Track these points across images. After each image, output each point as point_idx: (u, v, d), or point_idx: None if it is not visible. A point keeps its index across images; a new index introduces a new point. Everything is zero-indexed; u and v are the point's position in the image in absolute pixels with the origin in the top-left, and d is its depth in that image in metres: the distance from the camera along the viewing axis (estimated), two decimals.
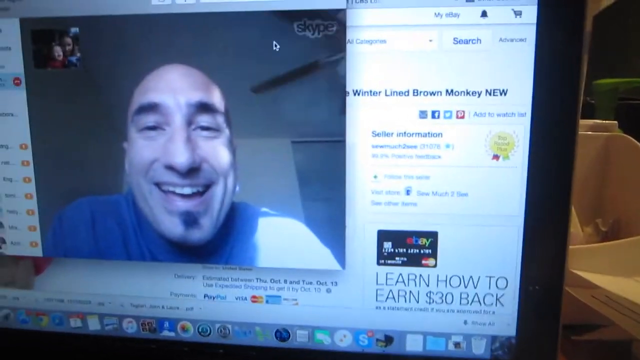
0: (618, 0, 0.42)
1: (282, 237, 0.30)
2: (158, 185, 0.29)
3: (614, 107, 0.54)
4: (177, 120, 0.28)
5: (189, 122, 0.28)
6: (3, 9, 0.30)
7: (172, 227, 0.29)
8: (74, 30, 0.29)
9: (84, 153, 0.30)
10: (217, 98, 0.28)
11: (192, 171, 0.28)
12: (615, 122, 0.47)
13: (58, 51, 0.29)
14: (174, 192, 0.29)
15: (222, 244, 0.30)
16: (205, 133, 0.28)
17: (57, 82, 0.30)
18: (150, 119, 0.28)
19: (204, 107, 0.28)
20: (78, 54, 0.29)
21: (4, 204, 0.32)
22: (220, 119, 0.28)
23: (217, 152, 0.28)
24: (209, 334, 0.33)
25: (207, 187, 0.29)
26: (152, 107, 0.28)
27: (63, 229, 0.31)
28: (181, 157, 0.28)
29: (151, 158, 0.28)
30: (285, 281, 0.31)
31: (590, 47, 0.43)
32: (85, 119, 0.30)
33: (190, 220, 0.29)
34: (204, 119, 0.28)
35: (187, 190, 0.29)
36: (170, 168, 0.28)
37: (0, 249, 0.33)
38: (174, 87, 0.27)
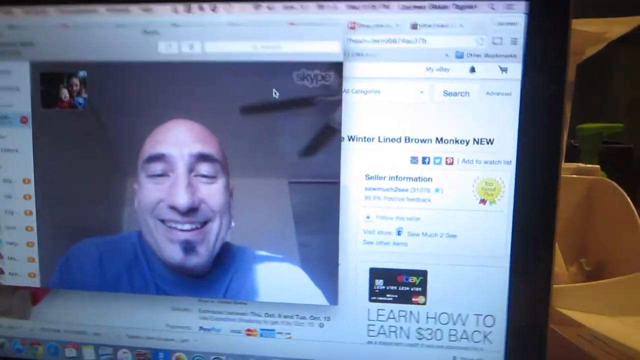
0: (601, 50, 0.44)
1: (277, 275, 0.31)
2: (162, 221, 0.31)
3: (597, 150, 0.56)
4: (180, 168, 0.30)
5: (190, 170, 0.30)
6: (15, 53, 0.31)
7: (173, 254, 0.31)
8: (82, 73, 0.30)
9: (87, 190, 0.32)
10: (216, 149, 0.31)
11: (191, 211, 0.31)
12: (598, 166, 0.48)
13: (65, 93, 0.31)
14: (175, 228, 0.31)
15: (220, 280, 0.31)
16: (204, 179, 0.31)
17: (63, 122, 0.31)
18: (158, 167, 0.31)
19: (204, 157, 0.30)
20: (85, 96, 0.31)
21: (4, 236, 0.33)
22: (218, 167, 0.31)
23: (214, 194, 0.31)
24: None
25: (205, 223, 0.31)
26: (159, 157, 0.30)
27: (70, 266, 0.32)
28: (182, 200, 0.30)
29: (157, 199, 0.31)
30: (279, 315, 0.32)
31: (574, 92, 0.45)
32: (89, 158, 0.31)
33: (188, 247, 0.31)
34: (203, 168, 0.30)
35: (187, 227, 0.31)
36: (172, 208, 0.31)
37: None
38: (179, 140, 0.30)
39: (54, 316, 0.34)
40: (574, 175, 0.46)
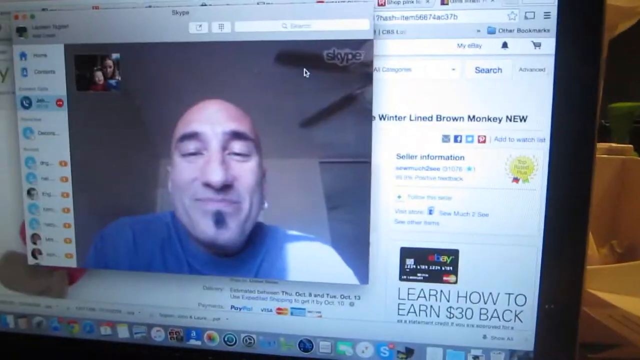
0: (633, 26, 0.43)
1: (308, 255, 0.31)
2: (197, 200, 0.31)
3: (629, 129, 0.55)
4: (213, 146, 0.31)
5: (224, 148, 0.31)
6: (49, 35, 0.32)
7: (206, 228, 0.31)
8: (115, 56, 0.31)
9: (121, 172, 0.32)
10: (248, 128, 0.31)
11: (225, 187, 0.31)
12: (631, 145, 0.47)
13: (99, 75, 0.31)
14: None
15: (252, 259, 0.32)
16: (237, 157, 0.31)
17: (98, 104, 0.32)
18: (191, 146, 0.31)
19: (237, 135, 0.31)
20: (118, 78, 0.31)
21: (42, 218, 0.34)
22: (252, 145, 0.31)
23: (248, 173, 0.31)
24: (235, 343, 0.34)
25: (238, 201, 0.31)
26: (193, 136, 0.31)
27: (105, 246, 0.33)
28: (216, 176, 0.30)
29: (191, 177, 0.31)
30: (309, 294, 0.32)
31: (605, 71, 0.44)
32: (123, 140, 0.32)
33: (220, 219, 0.31)
34: (237, 146, 0.31)
35: (222, 204, 0.31)
36: (207, 185, 0.31)
37: (36, 259, 0.34)
38: (212, 119, 0.31)
39: (90, 295, 0.35)
40: (606, 155, 0.46)
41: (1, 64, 0.33)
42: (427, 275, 0.31)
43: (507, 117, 0.28)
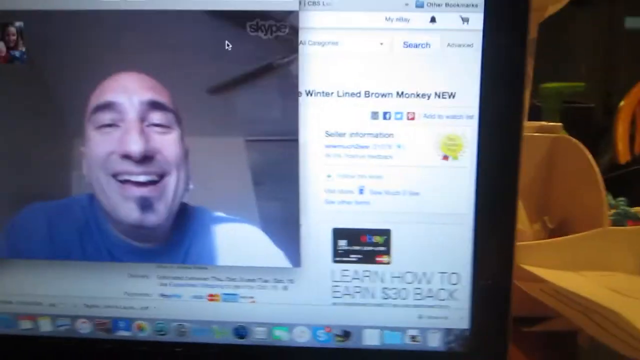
0: (563, 9, 0.44)
1: (237, 237, 0.30)
2: (115, 175, 0.29)
3: (559, 109, 0.57)
4: (131, 117, 0.29)
5: (142, 119, 0.29)
6: None
7: (129, 212, 0.30)
8: (18, 24, 0.28)
9: (31, 154, 0.30)
10: (167, 99, 0.29)
11: (146, 159, 0.29)
12: (560, 124, 0.49)
13: (1, 46, 0.29)
14: (129, 181, 0.29)
15: (178, 245, 0.30)
16: (157, 129, 0.29)
17: (0, 78, 0.29)
18: (106, 117, 0.29)
19: (156, 105, 0.29)
20: (22, 49, 0.29)
21: None
22: (171, 117, 0.29)
23: (169, 145, 0.29)
24: (166, 333, 0.33)
25: (161, 176, 0.30)
26: (108, 106, 0.29)
27: (17, 234, 0.31)
28: (135, 146, 0.29)
29: (108, 150, 0.29)
30: (241, 279, 0.31)
31: (536, 52, 0.45)
32: (32, 117, 0.30)
33: (146, 204, 0.30)
34: (156, 116, 0.29)
35: (142, 178, 0.29)
36: (125, 157, 0.29)
37: None
38: (128, 89, 0.29)
39: (6, 287, 0.32)
40: (536, 134, 0.47)
41: None
42: (360, 256, 0.30)
43: (436, 93, 0.28)
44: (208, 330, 0.32)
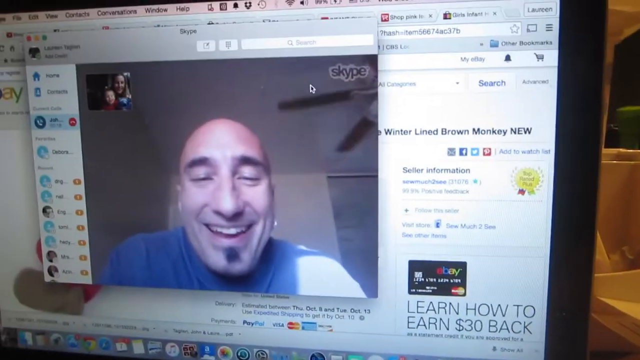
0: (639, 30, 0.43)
1: (317, 269, 0.31)
2: (207, 225, 0.32)
3: (638, 133, 0.54)
4: (223, 172, 0.31)
5: (234, 173, 0.31)
6: (61, 55, 0.32)
7: (217, 260, 0.32)
8: (125, 74, 0.32)
9: (133, 190, 0.33)
10: (257, 149, 0.31)
11: (236, 215, 0.31)
12: (639, 150, 0.47)
13: (110, 94, 0.32)
14: (220, 232, 0.32)
15: (263, 275, 0.32)
16: (247, 182, 0.31)
17: (109, 123, 0.32)
18: (201, 171, 0.31)
19: (247, 160, 0.31)
20: (129, 97, 0.32)
21: (57, 235, 0.34)
22: (261, 168, 0.31)
23: (258, 196, 0.31)
24: (248, 357, 0.34)
25: (249, 226, 0.31)
26: (202, 161, 0.31)
27: (120, 262, 0.33)
28: (227, 205, 0.31)
29: (202, 203, 0.31)
30: (320, 309, 0.32)
31: (613, 74, 0.44)
32: (135, 158, 0.32)
33: (232, 254, 0.32)
34: (246, 170, 0.31)
35: (232, 231, 0.31)
36: (218, 213, 0.31)
37: (52, 276, 0.35)
38: (221, 143, 0.31)
39: (105, 312, 0.35)
40: (615, 162, 0.45)
41: (15, 85, 0.34)
42: (435, 288, 0.31)
43: (512, 129, 0.29)
44: (287, 357, 0.34)
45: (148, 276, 0.33)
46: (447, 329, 0.31)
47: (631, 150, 0.46)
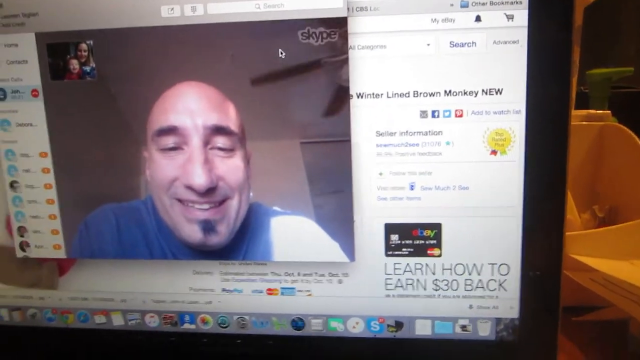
0: None
1: (294, 234, 0.31)
2: (179, 200, 0.31)
3: (607, 96, 0.55)
4: (195, 142, 0.30)
5: (206, 143, 0.30)
6: (19, 24, 0.31)
7: (192, 234, 0.31)
8: (88, 42, 0.30)
9: (102, 160, 0.32)
10: (231, 117, 0.30)
11: (210, 190, 0.30)
12: (609, 112, 0.48)
13: (73, 63, 0.31)
14: (193, 207, 0.31)
15: (238, 243, 0.32)
16: (221, 153, 0.30)
17: (74, 93, 0.31)
18: (170, 141, 0.30)
19: (220, 130, 0.30)
20: (92, 65, 0.31)
21: (27, 210, 0.34)
22: (235, 138, 0.30)
23: (233, 170, 0.30)
24: (228, 325, 0.34)
25: (223, 201, 0.31)
26: (171, 130, 0.30)
27: (89, 234, 0.33)
28: (200, 179, 0.29)
29: (172, 176, 0.30)
30: (298, 274, 0.33)
31: (582, 38, 0.44)
32: (102, 128, 0.32)
33: (208, 227, 0.31)
34: (220, 140, 0.29)
35: (206, 206, 0.31)
36: (189, 188, 0.30)
37: (24, 252, 0.34)
38: (191, 109, 0.29)
39: (82, 285, 0.35)
40: (584, 122, 0.46)
41: None
42: (412, 249, 0.31)
43: (483, 90, 0.29)
44: (267, 323, 0.34)
45: (120, 248, 0.33)
46: (425, 290, 0.32)
47: (600, 112, 0.47)
